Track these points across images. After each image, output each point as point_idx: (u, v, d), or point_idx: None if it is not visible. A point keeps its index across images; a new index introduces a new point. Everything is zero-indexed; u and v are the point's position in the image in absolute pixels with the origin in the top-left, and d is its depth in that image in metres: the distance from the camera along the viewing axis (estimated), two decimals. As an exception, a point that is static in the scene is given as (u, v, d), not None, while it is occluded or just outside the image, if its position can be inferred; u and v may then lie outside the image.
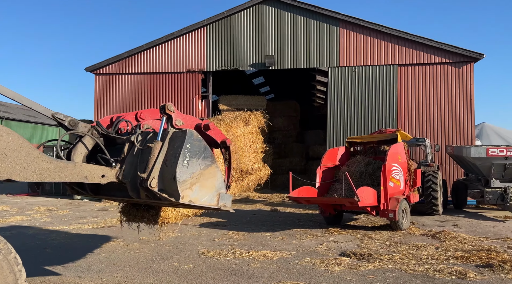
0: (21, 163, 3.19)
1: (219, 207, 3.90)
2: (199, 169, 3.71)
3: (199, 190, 3.70)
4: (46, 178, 3.37)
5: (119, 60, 18.82)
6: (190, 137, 3.70)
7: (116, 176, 3.81)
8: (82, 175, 3.59)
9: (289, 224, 10.82)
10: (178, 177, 3.53)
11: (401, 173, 10.00)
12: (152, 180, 3.57)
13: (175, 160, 3.59)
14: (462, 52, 16.53)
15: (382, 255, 7.01)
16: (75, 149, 3.92)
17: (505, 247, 7.74)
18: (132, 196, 3.86)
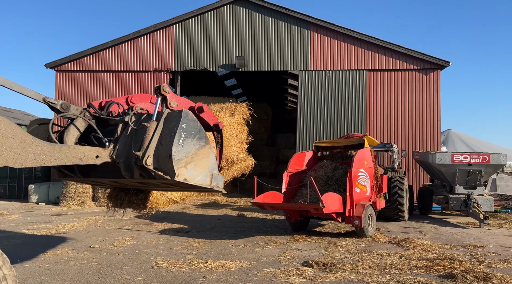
0: (16, 149, 3.16)
1: (212, 187, 3.95)
2: (193, 149, 3.76)
3: (193, 169, 3.74)
4: (41, 162, 3.36)
5: (82, 57, 17.95)
6: (185, 117, 3.73)
7: (109, 155, 3.79)
8: (77, 157, 3.58)
9: (254, 230, 10.45)
10: (174, 155, 3.57)
11: (368, 178, 9.85)
12: (148, 158, 3.59)
13: (170, 139, 3.62)
14: (429, 59, 16.79)
15: (345, 264, 6.75)
16: (67, 131, 3.88)
17: (468, 255, 7.67)
18: (125, 175, 3.83)
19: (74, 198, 15.29)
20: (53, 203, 16.12)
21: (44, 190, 16.63)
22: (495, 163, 11.96)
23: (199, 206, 16.04)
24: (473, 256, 7.62)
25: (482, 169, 11.98)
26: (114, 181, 4.28)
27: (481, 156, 12.10)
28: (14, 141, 3.16)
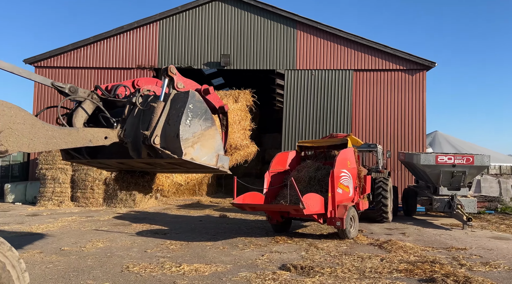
0: (27, 135, 3.22)
1: (218, 167, 4.01)
2: (200, 129, 3.82)
3: (200, 149, 3.81)
4: (53, 146, 3.42)
5: (63, 53, 17.46)
6: (192, 98, 3.79)
7: (118, 136, 3.85)
8: (87, 139, 3.64)
9: (235, 231, 10.19)
10: (181, 135, 3.65)
11: (350, 179, 9.66)
12: (156, 137, 3.66)
13: (178, 119, 3.69)
14: (415, 59, 16.73)
15: (324, 268, 6.53)
16: (75, 113, 3.91)
17: (449, 258, 7.52)
18: (133, 155, 3.88)
19: (52, 198, 14.82)
20: (30, 203, 15.62)
21: (21, 189, 16.10)
22: (479, 164, 11.90)
23: (182, 206, 15.70)
24: (455, 258, 7.47)
25: (466, 170, 11.91)
26: (120, 162, 4.28)
27: (465, 157, 12.04)
28: (25, 127, 3.21)
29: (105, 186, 14.93)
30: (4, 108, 3.14)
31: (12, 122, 3.15)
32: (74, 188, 15.01)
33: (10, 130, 3.15)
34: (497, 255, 7.90)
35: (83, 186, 14.89)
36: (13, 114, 3.18)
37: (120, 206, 14.61)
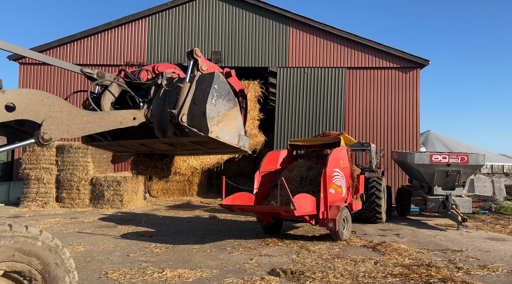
0: (66, 122, 3.35)
1: (239, 147, 4.17)
2: (224, 109, 3.97)
3: (223, 128, 3.96)
4: (89, 130, 3.55)
5: (48, 49, 16.95)
6: (217, 78, 3.93)
7: (144, 115, 3.97)
8: (117, 121, 3.76)
9: (224, 233, 9.83)
10: (208, 113, 3.77)
11: (343, 178, 9.36)
12: (183, 116, 3.78)
13: (204, 98, 3.82)
14: (409, 57, 16.49)
15: (315, 272, 6.20)
16: (103, 97, 4.02)
17: (446, 261, 7.25)
18: (158, 135, 4.02)
19: (36, 199, 14.33)
20: (14, 204, 15.11)
21: (3, 190, 15.58)
22: (474, 163, 11.67)
23: (172, 207, 15.30)
24: (451, 261, 7.20)
25: (461, 169, 11.68)
26: (141, 144, 4.44)
27: (459, 156, 11.80)
28: (63, 114, 3.34)
29: (92, 186, 14.48)
30: (42, 98, 3.25)
31: (51, 111, 3.29)
32: (59, 188, 14.53)
33: (50, 119, 3.29)
34: (494, 257, 7.64)
35: (68, 186, 14.42)
36: (51, 103, 3.30)
37: (107, 206, 14.17)
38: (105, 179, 14.37)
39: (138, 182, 15.38)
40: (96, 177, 14.50)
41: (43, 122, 3.26)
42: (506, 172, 39.25)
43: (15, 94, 3.14)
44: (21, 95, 3.17)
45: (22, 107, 3.15)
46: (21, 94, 3.17)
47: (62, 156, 14.55)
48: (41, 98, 3.25)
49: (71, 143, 14.78)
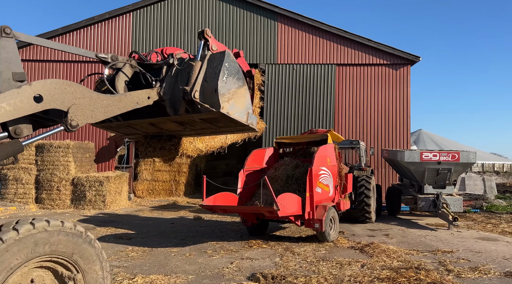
0: (88, 107, 3.49)
1: (248, 124, 4.34)
2: (234, 87, 4.12)
3: (234, 106, 4.11)
4: (109, 113, 3.69)
5: (29, 45, 16.32)
6: (228, 57, 4.08)
7: (157, 93, 4.09)
8: (134, 101, 3.89)
9: (207, 235, 9.42)
10: (219, 90, 3.92)
11: (330, 177, 9.00)
12: (195, 92, 3.92)
13: (215, 76, 3.97)
14: (399, 54, 16.21)
15: (298, 277, 5.83)
16: (117, 78, 4.12)
17: (436, 263, 6.92)
18: (170, 113, 4.14)
19: (14, 200, 13.78)
20: None
21: (-19, 190, 14.98)
22: (465, 161, 11.40)
23: (156, 207, 14.84)
24: (441, 263, 6.87)
25: (452, 167, 11.40)
26: (151, 123, 4.54)
27: (450, 153, 11.52)
28: (86, 100, 3.48)
29: (73, 187, 13.97)
30: (65, 86, 3.37)
31: (74, 98, 3.42)
32: (39, 189, 14.00)
33: (75, 106, 3.42)
34: (486, 258, 7.33)
35: (48, 186, 13.90)
36: (74, 90, 3.42)
37: (88, 207, 13.68)
38: (87, 179, 13.87)
39: (122, 182, 14.90)
40: (77, 176, 14.00)
41: (69, 109, 3.41)
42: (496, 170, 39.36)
43: (41, 85, 3.25)
44: (46, 86, 3.28)
45: (49, 97, 3.28)
46: (46, 85, 3.28)
47: (42, 155, 14.03)
48: (64, 87, 3.38)
49: (51, 142, 14.25)
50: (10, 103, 3.06)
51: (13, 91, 3.09)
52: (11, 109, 3.07)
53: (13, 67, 3.31)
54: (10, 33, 3.28)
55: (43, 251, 2.98)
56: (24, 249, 2.86)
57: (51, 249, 3.03)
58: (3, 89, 3.19)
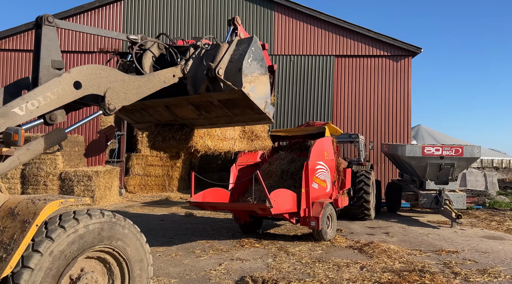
0: (122, 89, 3.61)
1: (265, 112, 4.36)
2: (256, 72, 4.21)
3: (254, 90, 4.16)
4: (141, 94, 3.80)
5: (15, 34, 15.75)
6: (255, 42, 4.20)
7: (181, 70, 4.17)
8: (161, 81, 4.00)
9: (197, 233, 8.91)
10: (243, 69, 4.01)
11: (328, 172, 8.47)
12: (220, 69, 3.99)
13: (241, 57, 4.08)
14: (400, 45, 15.66)
15: (291, 281, 5.32)
16: (144, 58, 4.18)
17: (440, 264, 6.42)
18: (190, 91, 4.24)
19: (-1, 195, 13.23)
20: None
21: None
22: (469, 156, 10.88)
23: (148, 203, 14.31)
24: (446, 265, 6.37)
25: (455, 162, 10.89)
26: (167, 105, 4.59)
27: (453, 148, 11.00)
28: (119, 83, 3.56)
29: (60, 182, 13.42)
30: (100, 71, 3.43)
31: (109, 82, 3.50)
32: (25, 184, 13.45)
33: (111, 90, 3.50)
34: (494, 259, 6.84)
35: (35, 181, 13.35)
36: (107, 74, 3.49)
37: (76, 203, 13.12)
38: (75, 174, 13.32)
39: (112, 176, 14.36)
40: (65, 171, 13.44)
41: (105, 93, 3.49)
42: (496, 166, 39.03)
43: (78, 71, 3.31)
44: (83, 72, 3.33)
45: (87, 83, 3.35)
46: (83, 71, 3.33)
47: (28, 148, 13.45)
48: (99, 72, 3.43)
49: (37, 135, 13.67)
50: (53, 92, 3.15)
51: (55, 80, 3.17)
52: (55, 98, 3.16)
53: (53, 55, 3.40)
54: (52, 21, 3.39)
55: (97, 241, 3.11)
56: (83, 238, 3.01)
57: (103, 240, 3.16)
58: (42, 76, 3.31)
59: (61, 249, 2.86)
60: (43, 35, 3.34)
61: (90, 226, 3.06)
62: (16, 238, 2.71)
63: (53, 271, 2.81)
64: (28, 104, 3.00)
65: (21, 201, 2.96)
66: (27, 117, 3.02)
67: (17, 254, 2.66)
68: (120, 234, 3.29)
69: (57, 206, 2.92)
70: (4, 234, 2.77)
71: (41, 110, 3.10)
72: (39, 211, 2.80)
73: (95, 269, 3.20)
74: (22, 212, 2.84)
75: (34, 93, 3.07)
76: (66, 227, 2.90)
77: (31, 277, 2.69)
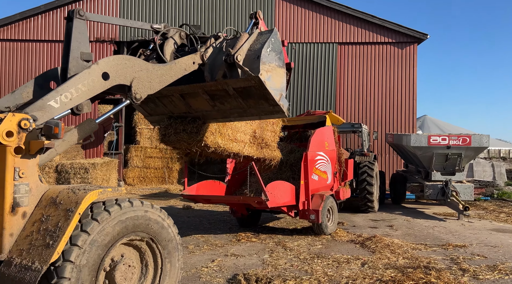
0: (146, 78, 3.74)
1: (280, 105, 4.43)
2: (274, 63, 4.30)
3: (271, 79, 4.24)
4: (164, 83, 3.93)
5: (10, 23, 15.39)
6: (276, 34, 4.39)
7: (200, 56, 4.29)
8: (182, 68, 4.12)
9: (193, 227, 8.60)
10: (262, 57, 4.10)
11: (329, 163, 8.09)
12: (239, 55, 4.09)
13: (260, 46, 4.21)
14: (406, 31, 15.11)
15: (286, 279, 4.98)
16: (166, 46, 4.31)
17: (447, 260, 6.05)
18: (207, 78, 4.36)
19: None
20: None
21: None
22: (477, 145, 10.44)
23: (146, 196, 14.04)
24: (453, 260, 6.00)
25: (462, 152, 10.45)
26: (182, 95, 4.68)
27: (461, 137, 10.56)
28: (143, 73, 3.71)
29: (57, 174, 13.16)
30: (125, 61, 3.55)
31: (134, 71, 3.60)
32: None
33: (136, 80, 3.62)
34: (504, 254, 6.45)
35: (30, 174, 13.09)
36: (132, 64, 3.60)
37: (73, 196, 12.88)
38: (72, 166, 13.06)
39: (110, 169, 14.09)
40: (61, 163, 13.18)
41: (132, 83, 3.61)
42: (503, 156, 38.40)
43: (106, 63, 3.43)
44: (110, 63, 3.45)
45: (114, 74, 3.47)
46: (110, 62, 3.45)
47: (23, 141, 13.19)
48: (124, 62, 3.56)
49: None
50: (84, 84, 3.27)
51: (84, 72, 3.29)
52: (86, 89, 3.28)
53: (82, 47, 3.55)
54: (83, 15, 3.53)
55: (135, 228, 3.25)
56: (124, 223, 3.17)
57: (141, 227, 3.30)
58: (72, 67, 3.47)
59: (105, 231, 3.03)
60: (74, 27, 3.50)
61: (131, 213, 3.22)
62: (61, 226, 2.87)
63: (98, 251, 3.00)
64: (62, 96, 3.15)
65: (61, 190, 3.11)
66: (61, 110, 3.16)
67: (63, 240, 2.82)
68: (156, 224, 3.43)
69: (96, 195, 3.07)
70: (48, 222, 2.92)
71: (74, 102, 3.23)
72: (80, 200, 2.96)
73: (131, 256, 3.36)
74: (64, 201, 3.00)
75: (66, 85, 3.19)
76: (111, 211, 3.08)
77: (79, 256, 2.87)
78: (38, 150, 2.92)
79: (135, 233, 3.28)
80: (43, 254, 2.77)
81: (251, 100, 4.45)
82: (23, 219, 2.96)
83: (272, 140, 7.29)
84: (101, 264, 3.05)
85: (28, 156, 2.93)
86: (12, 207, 2.88)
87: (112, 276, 3.17)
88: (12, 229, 2.90)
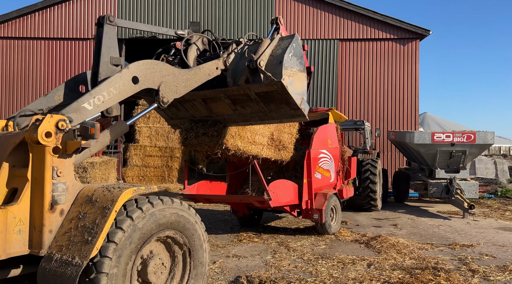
0: (174, 83, 3.85)
1: (301, 108, 4.50)
2: (296, 68, 4.39)
3: (292, 84, 4.30)
4: (189, 87, 4.03)
5: (6, 21, 15.17)
6: (297, 39, 4.47)
7: (223, 62, 4.36)
8: (206, 73, 4.19)
9: (194, 226, 8.41)
10: (284, 62, 4.17)
11: (332, 161, 7.92)
12: (261, 61, 4.17)
13: (282, 51, 4.28)
14: (408, 27, 14.90)
15: (291, 282, 4.82)
16: (189, 52, 4.44)
17: (455, 260, 5.88)
18: (229, 83, 4.43)
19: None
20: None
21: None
22: (482, 142, 10.27)
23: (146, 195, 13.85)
24: (462, 261, 5.84)
25: (467, 149, 10.28)
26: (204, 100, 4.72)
27: (465, 134, 10.39)
28: (170, 77, 3.82)
29: (55, 174, 12.98)
30: (153, 66, 3.67)
31: (162, 76, 3.72)
32: None
33: (164, 84, 3.75)
34: (513, 254, 6.29)
35: (28, 173, 12.91)
36: (160, 69, 3.72)
37: (72, 196, 12.71)
38: (70, 165, 12.86)
39: (109, 168, 13.90)
40: (59, 163, 12.99)
41: (159, 87, 3.70)
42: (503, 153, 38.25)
43: (135, 67, 3.52)
44: (139, 67, 3.54)
45: (143, 78, 3.56)
46: (139, 66, 3.54)
47: (21, 140, 13.00)
48: (153, 66, 3.66)
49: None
50: (116, 87, 3.38)
51: (116, 76, 3.41)
52: (117, 92, 3.39)
53: (111, 52, 3.71)
54: (113, 21, 3.68)
55: (166, 225, 3.34)
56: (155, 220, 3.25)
57: (171, 224, 3.39)
58: (102, 71, 3.63)
59: (138, 228, 3.12)
60: (104, 33, 3.65)
61: (162, 211, 3.31)
62: (98, 223, 2.97)
63: (132, 247, 3.08)
64: (95, 99, 3.27)
65: (97, 189, 3.20)
66: (94, 112, 3.28)
67: (101, 237, 2.92)
68: (186, 222, 3.51)
69: (131, 193, 3.15)
70: (85, 219, 3.03)
71: (106, 105, 3.34)
72: (116, 198, 3.05)
73: (161, 253, 3.43)
74: (100, 199, 3.09)
75: (99, 88, 3.31)
76: (144, 209, 3.17)
77: (115, 252, 2.97)
78: (74, 149, 3.02)
79: (166, 230, 3.35)
80: (83, 249, 2.88)
81: (273, 105, 4.50)
82: (61, 216, 3.08)
83: (289, 142, 7.26)
84: (135, 260, 3.15)
85: (65, 156, 3.02)
86: (51, 205, 3.00)
87: (145, 272, 3.26)
88: (51, 225, 3.02)
